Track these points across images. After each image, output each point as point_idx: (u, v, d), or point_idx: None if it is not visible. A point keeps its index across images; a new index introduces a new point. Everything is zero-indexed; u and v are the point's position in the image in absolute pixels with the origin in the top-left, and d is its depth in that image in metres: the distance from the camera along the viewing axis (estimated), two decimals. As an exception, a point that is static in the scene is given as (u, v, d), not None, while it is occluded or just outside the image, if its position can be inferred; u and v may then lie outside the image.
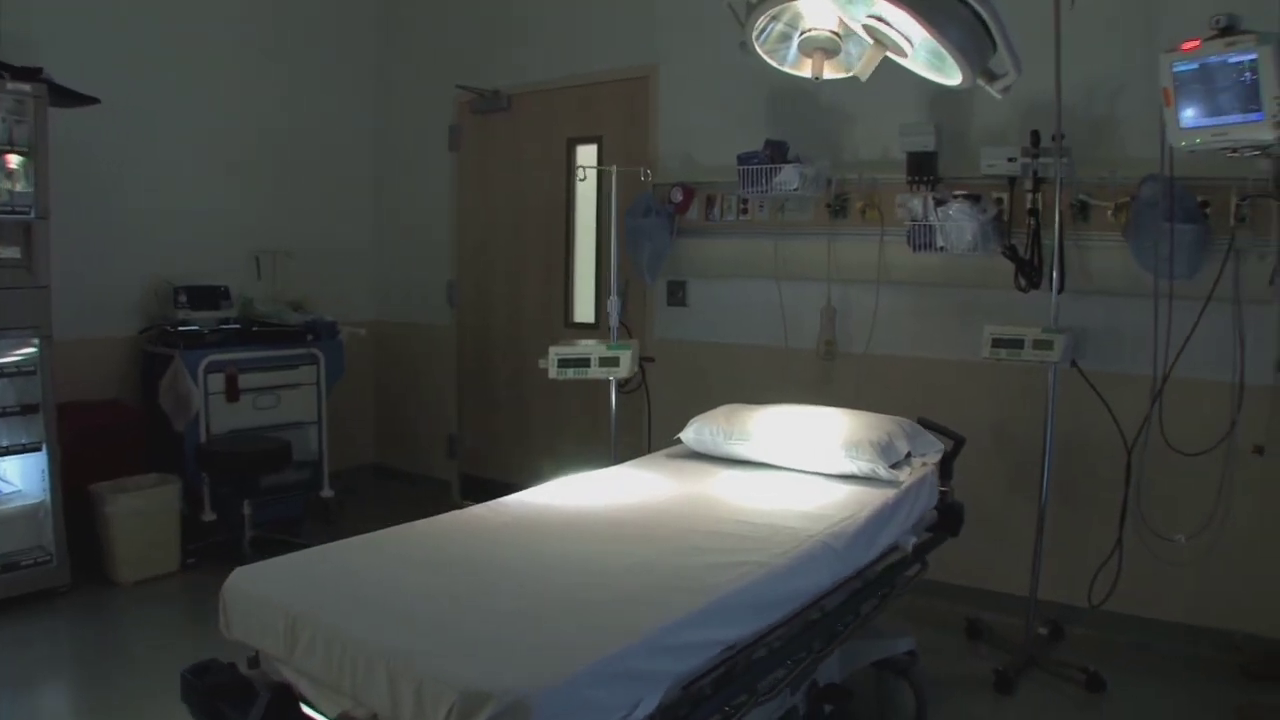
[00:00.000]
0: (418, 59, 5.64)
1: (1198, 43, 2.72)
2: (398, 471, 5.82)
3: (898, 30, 2.50)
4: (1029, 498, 3.52)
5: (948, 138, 3.76)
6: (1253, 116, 2.65)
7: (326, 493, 4.87)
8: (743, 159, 4.03)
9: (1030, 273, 3.51)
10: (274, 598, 1.84)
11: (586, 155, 4.98)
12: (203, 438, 4.26)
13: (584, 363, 3.55)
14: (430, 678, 1.50)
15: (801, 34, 2.96)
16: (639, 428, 4.26)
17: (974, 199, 3.56)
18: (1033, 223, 3.51)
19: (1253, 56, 2.61)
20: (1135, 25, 3.40)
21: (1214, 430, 3.14)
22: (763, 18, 2.96)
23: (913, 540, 2.75)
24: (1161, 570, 3.37)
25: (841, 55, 2.96)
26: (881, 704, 2.88)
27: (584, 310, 5.10)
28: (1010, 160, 3.47)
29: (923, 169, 3.74)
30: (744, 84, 4.31)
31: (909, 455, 2.90)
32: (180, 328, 4.36)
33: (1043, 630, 3.49)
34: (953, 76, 2.60)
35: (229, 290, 4.62)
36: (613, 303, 3.69)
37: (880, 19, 2.51)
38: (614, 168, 3.62)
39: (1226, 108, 2.71)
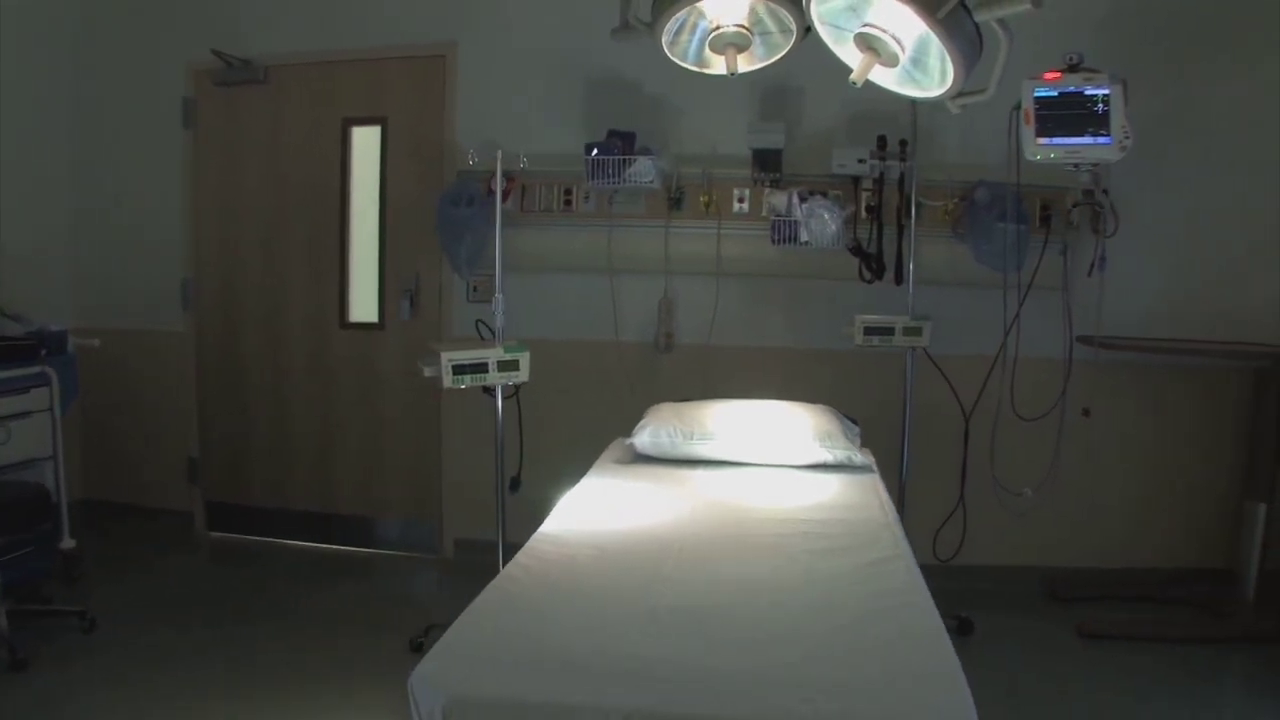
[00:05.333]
0: (140, 17, 4.65)
1: (1059, 74, 3.21)
2: (118, 506, 4.80)
3: (892, 37, 2.65)
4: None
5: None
6: (1101, 140, 3.22)
7: (67, 543, 3.87)
8: (599, 149, 3.93)
9: (876, 266, 3.89)
10: (578, 699, 1.46)
11: (366, 138, 4.51)
12: (-77, 492, 3.20)
13: (482, 368, 3.25)
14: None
15: (711, 32, 3.00)
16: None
17: (824, 195, 3.86)
18: (877, 220, 3.88)
19: (1106, 91, 3.16)
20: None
21: (1049, 398, 3.74)
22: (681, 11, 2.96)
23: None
24: (1011, 521, 3.91)
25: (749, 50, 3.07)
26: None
27: (364, 309, 4.63)
28: (861, 161, 3.79)
29: (768, 165, 3.94)
30: (557, 69, 4.22)
31: (850, 441, 3.11)
32: (-120, 348, 3.21)
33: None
34: (926, 88, 2.79)
35: (-65, 296, 3.49)
36: (497, 301, 3.40)
37: (877, 26, 2.64)
38: (499, 152, 3.33)
39: (1079, 130, 3.25)
